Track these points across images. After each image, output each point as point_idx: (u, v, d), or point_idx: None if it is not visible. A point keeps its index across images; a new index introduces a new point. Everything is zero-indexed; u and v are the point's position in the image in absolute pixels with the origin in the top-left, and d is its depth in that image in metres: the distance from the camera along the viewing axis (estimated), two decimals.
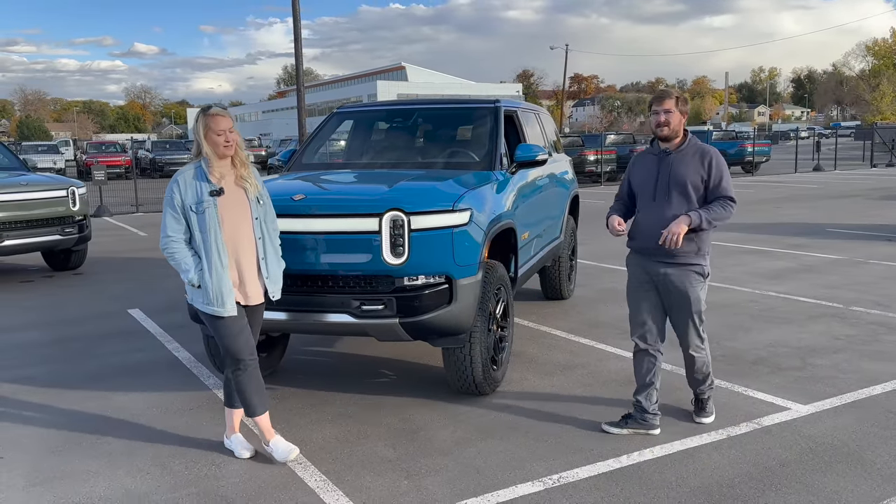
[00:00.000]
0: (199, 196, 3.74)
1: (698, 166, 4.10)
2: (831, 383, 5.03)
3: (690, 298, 4.18)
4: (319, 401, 4.93)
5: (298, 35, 20.28)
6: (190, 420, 4.64)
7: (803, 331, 6.36)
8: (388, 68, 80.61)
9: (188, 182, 3.77)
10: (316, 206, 4.44)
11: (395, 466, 3.92)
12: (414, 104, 6.46)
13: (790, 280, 8.52)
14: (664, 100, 4.09)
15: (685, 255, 4.12)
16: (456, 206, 4.43)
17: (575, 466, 3.86)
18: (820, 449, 4.02)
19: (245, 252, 3.86)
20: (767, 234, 12.28)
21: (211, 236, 3.74)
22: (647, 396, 4.30)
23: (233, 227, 3.80)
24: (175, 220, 3.78)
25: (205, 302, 3.81)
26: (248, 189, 3.86)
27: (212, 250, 3.75)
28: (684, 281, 4.16)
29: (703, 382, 4.43)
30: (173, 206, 3.78)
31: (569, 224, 7.62)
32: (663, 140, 4.17)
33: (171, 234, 3.79)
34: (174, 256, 3.80)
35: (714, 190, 4.11)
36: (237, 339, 3.86)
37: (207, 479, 3.82)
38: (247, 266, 3.88)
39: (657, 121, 4.11)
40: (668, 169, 4.15)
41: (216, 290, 3.77)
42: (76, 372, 5.67)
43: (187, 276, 3.80)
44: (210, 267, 3.76)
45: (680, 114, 4.10)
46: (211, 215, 3.74)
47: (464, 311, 4.47)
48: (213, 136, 3.74)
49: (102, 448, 4.24)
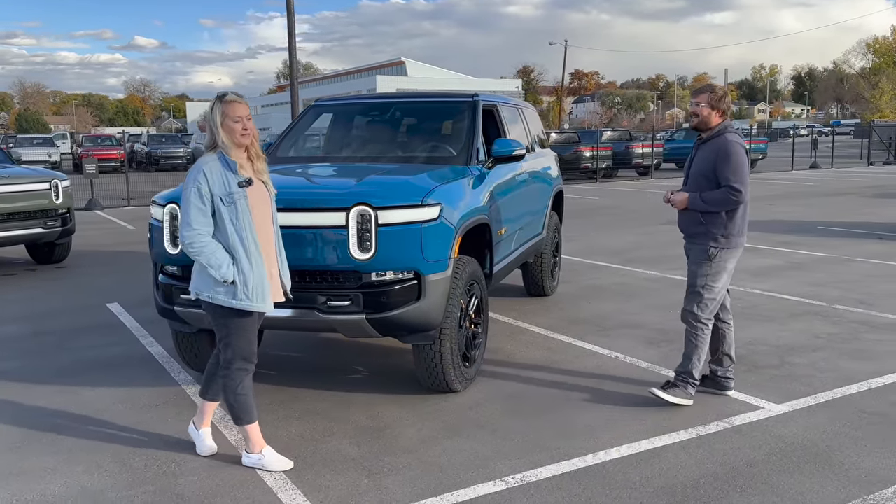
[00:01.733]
0: (227, 187, 3.52)
1: (712, 156, 4.42)
2: (807, 382, 4.97)
3: (690, 270, 4.61)
4: (289, 397, 4.87)
5: (292, 30, 20.18)
6: (156, 416, 4.58)
7: (784, 329, 6.30)
8: (388, 63, 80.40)
9: (215, 172, 3.53)
10: (282, 201, 4.34)
11: (358, 465, 3.87)
12: (392, 98, 6.39)
13: (775, 278, 8.46)
14: (698, 94, 4.53)
15: (697, 234, 4.54)
16: (425, 201, 4.37)
17: (539, 465, 3.81)
18: (789, 449, 3.96)
19: (269, 247, 3.70)
20: (757, 232, 12.19)
21: (246, 227, 3.54)
22: (717, 361, 4.78)
23: (260, 221, 3.63)
24: (202, 212, 3.50)
25: (237, 297, 3.54)
26: (267, 182, 3.72)
27: (249, 243, 3.54)
28: (692, 256, 4.60)
29: (684, 367, 4.55)
30: (201, 198, 3.50)
31: (552, 220, 7.55)
32: (695, 129, 4.57)
33: (198, 227, 3.50)
34: (202, 251, 3.50)
35: (720, 177, 4.38)
36: (253, 337, 3.72)
37: (166, 477, 3.76)
38: (271, 261, 3.71)
39: (690, 111, 4.62)
40: (694, 157, 4.61)
41: (257, 285, 3.55)
42: (48, 367, 5.62)
43: (220, 273, 3.50)
44: (250, 259, 3.54)
45: (711, 108, 4.44)
46: (242, 207, 3.54)
47: (433, 308, 4.41)
48: (230, 124, 3.55)
49: (63, 444, 4.18)
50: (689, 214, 4.55)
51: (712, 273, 4.50)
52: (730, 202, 4.38)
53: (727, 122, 4.51)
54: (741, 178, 4.35)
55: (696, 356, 4.53)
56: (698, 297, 4.53)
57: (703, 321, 4.54)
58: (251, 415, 3.79)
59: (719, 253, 4.48)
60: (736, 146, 4.37)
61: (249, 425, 3.80)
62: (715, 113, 4.46)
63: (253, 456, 3.82)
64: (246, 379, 3.75)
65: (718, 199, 4.40)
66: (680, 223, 4.69)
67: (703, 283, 4.51)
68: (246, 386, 3.75)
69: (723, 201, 4.39)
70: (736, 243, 4.52)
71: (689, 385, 4.55)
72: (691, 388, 4.56)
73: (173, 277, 4.62)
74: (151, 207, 4.80)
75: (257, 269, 3.57)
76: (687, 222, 4.60)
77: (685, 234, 4.68)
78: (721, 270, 4.51)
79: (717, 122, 4.49)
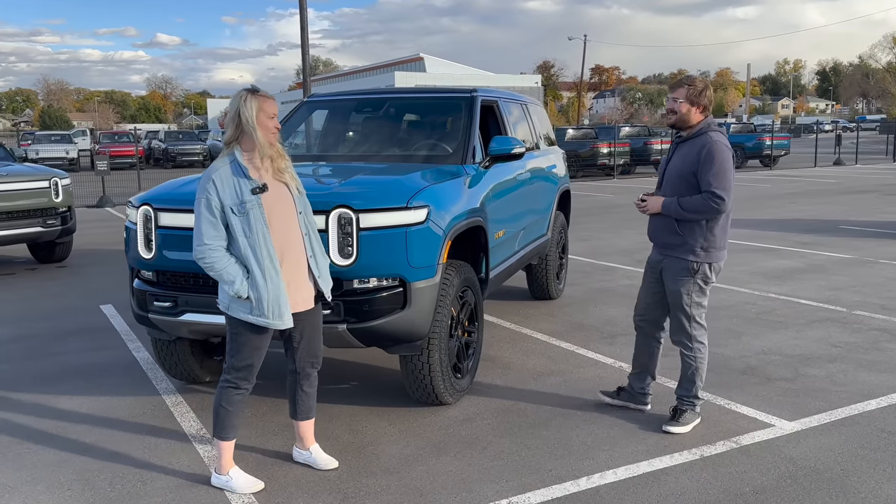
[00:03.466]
0: (239, 196, 3.30)
1: (693, 157, 3.98)
2: (822, 397, 4.65)
3: (671, 290, 4.15)
4: (269, 409, 4.63)
5: (305, 26, 19.98)
6: (130, 429, 4.36)
7: (800, 337, 5.96)
8: (407, 59, 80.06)
9: (226, 180, 3.31)
10: None
11: (333, 486, 3.61)
12: (387, 93, 6.12)
13: (793, 280, 8.10)
14: (675, 89, 4.08)
15: (673, 246, 4.10)
16: (410, 203, 4.10)
17: (527, 490, 3.53)
18: (800, 473, 3.65)
19: (295, 252, 3.46)
20: (776, 231, 11.82)
21: (260, 240, 3.31)
22: (639, 377, 4.42)
23: (281, 226, 3.40)
24: (212, 225, 3.30)
25: (253, 313, 3.35)
26: (288, 182, 3.47)
27: (262, 255, 3.32)
28: (670, 273, 4.15)
29: (687, 391, 4.20)
30: (210, 210, 3.30)
31: (558, 220, 7.25)
32: (673, 127, 4.12)
33: (209, 241, 3.30)
34: (213, 267, 3.32)
35: (701, 182, 3.95)
36: (262, 354, 3.50)
37: (129, 498, 3.53)
38: (298, 268, 3.47)
39: (667, 108, 4.15)
40: (671, 158, 4.18)
41: (272, 301, 3.33)
42: (29, 373, 5.42)
43: (233, 289, 3.31)
44: (264, 274, 3.31)
45: (690, 104, 4.00)
46: (256, 216, 3.31)
47: (419, 317, 4.14)
48: (265, 120, 3.32)
49: (29, 459, 3.97)
50: (664, 222, 4.09)
51: (697, 290, 4.10)
52: (710, 210, 3.93)
53: (709, 119, 4.09)
54: (724, 183, 3.90)
55: (696, 377, 4.19)
56: (687, 317, 4.12)
57: (699, 340, 4.17)
58: (227, 433, 3.55)
59: (701, 267, 4.07)
60: (721, 147, 3.95)
61: (223, 442, 3.56)
62: (695, 109, 4.01)
63: (221, 477, 3.59)
64: (234, 395, 3.52)
65: (697, 207, 3.94)
66: (651, 231, 4.23)
67: (689, 302, 4.09)
68: (233, 402, 3.52)
69: (702, 209, 3.93)
70: (717, 257, 4.10)
71: (695, 405, 4.23)
72: (697, 407, 4.24)
73: (148, 283, 4.39)
74: (127, 209, 4.57)
75: (272, 284, 3.33)
76: (660, 231, 4.14)
77: (657, 245, 4.22)
78: (705, 285, 4.12)
79: (697, 120, 4.04)
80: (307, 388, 3.77)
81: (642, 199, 4.17)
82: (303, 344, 3.64)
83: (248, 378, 3.52)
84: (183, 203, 4.28)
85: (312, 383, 3.78)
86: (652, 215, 4.16)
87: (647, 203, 4.12)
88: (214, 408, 3.57)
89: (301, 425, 3.82)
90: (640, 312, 4.39)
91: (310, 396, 3.79)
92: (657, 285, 4.26)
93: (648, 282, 4.33)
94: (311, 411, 3.83)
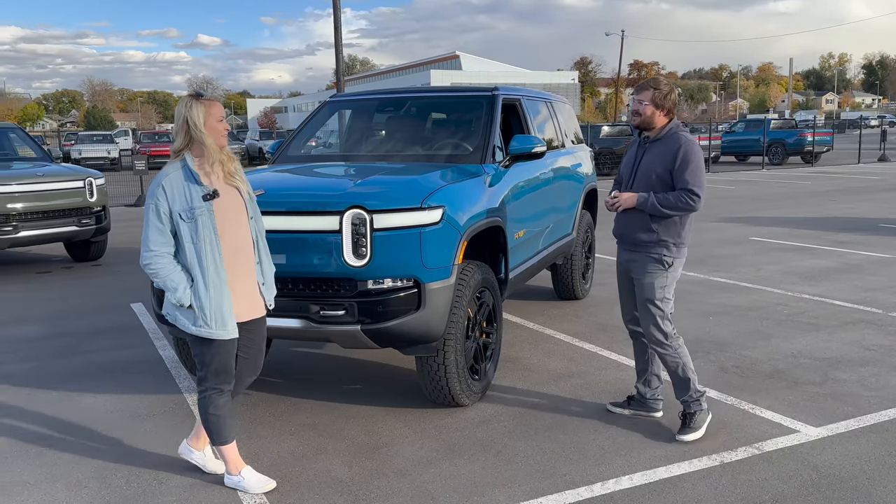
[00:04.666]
0: (189, 202, 3.25)
1: (667, 157, 3.99)
2: (852, 402, 4.51)
3: (643, 284, 4.10)
4: (287, 409, 4.64)
5: (338, 26, 20.09)
6: (150, 427, 4.41)
7: (832, 339, 5.80)
8: (442, 57, 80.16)
9: (176, 186, 3.27)
10: (275, 203, 4.13)
11: (345, 488, 3.60)
12: (408, 92, 6.09)
13: (828, 281, 7.89)
14: (641, 91, 4.09)
15: (645, 243, 4.08)
16: (425, 204, 4.07)
17: (540, 495, 3.48)
18: (824, 482, 3.54)
19: (245, 260, 3.42)
20: (813, 230, 11.54)
21: (206, 247, 3.26)
22: (645, 382, 4.37)
23: (231, 232, 3.35)
24: (160, 232, 3.27)
25: (196, 323, 3.31)
26: (240, 186, 3.42)
27: (207, 263, 3.27)
28: (641, 267, 4.12)
29: (685, 391, 4.10)
30: (159, 216, 3.26)
31: (584, 219, 7.16)
32: (637, 128, 4.12)
33: (155, 248, 3.27)
34: (158, 274, 3.28)
35: (677, 180, 3.96)
36: (230, 358, 3.43)
37: (144, 497, 3.56)
38: (247, 275, 3.43)
39: (632, 109, 4.15)
40: (641, 157, 4.15)
41: (215, 311, 3.28)
42: (56, 370, 5.52)
43: (175, 296, 3.28)
44: (206, 283, 3.27)
45: (655, 107, 4.03)
46: (205, 223, 3.26)
47: (434, 318, 4.11)
48: (214, 124, 3.30)
49: (48, 457, 4.03)
50: (636, 220, 4.06)
51: (668, 284, 4.08)
52: (687, 206, 3.93)
53: (676, 121, 4.09)
54: (700, 181, 3.93)
55: (686, 373, 4.10)
56: (659, 311, 4.07)
57: (671, 335, 4.09)
58: (225, 436, 3.54)
59: (674, 262, 4.06)
60: (694, 147, 3.98)
61: (224, 446, 3.56)
62: (659, 112, 4.02)
63: (233, 477, 3.59)
64: (219, 399, 3.49)
65: (674, 203, 3.94)
66: (619, 229, 4.20)
67: (660, 296, 4.05)
68: (220, 405, 3.49)
69: (679, 206, 3.94)
70: (684, 252, 4.12)
71: (701, 402, 4.11)
72: (703, 402, 4.12)
73: None
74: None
75: (214, 293, 3.29)
76: (632, 228, 4.10)
77: (626, 243, 4.18)
78: (674, 280, 4.11)
79: (662, 122, 4.04)
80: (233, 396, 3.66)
81: (613, 195, 4.13)
82: (249, 354, 3.57)
83: (227, 381, 3.48)
84: None
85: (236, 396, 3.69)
86: (621, 213, 4.14)
87: (619, 199, 4.08)
88: (203, 418, 3.52)
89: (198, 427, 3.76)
90: (629, 319, 4.36)
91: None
92: (631, 286, 4.23)
93: (624, 286, 4.30)
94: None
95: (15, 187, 8.96)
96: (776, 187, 19.50)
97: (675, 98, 4.11)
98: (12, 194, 8.93)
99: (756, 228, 11.91)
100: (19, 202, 8.95)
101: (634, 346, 4.42)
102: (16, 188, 8.96)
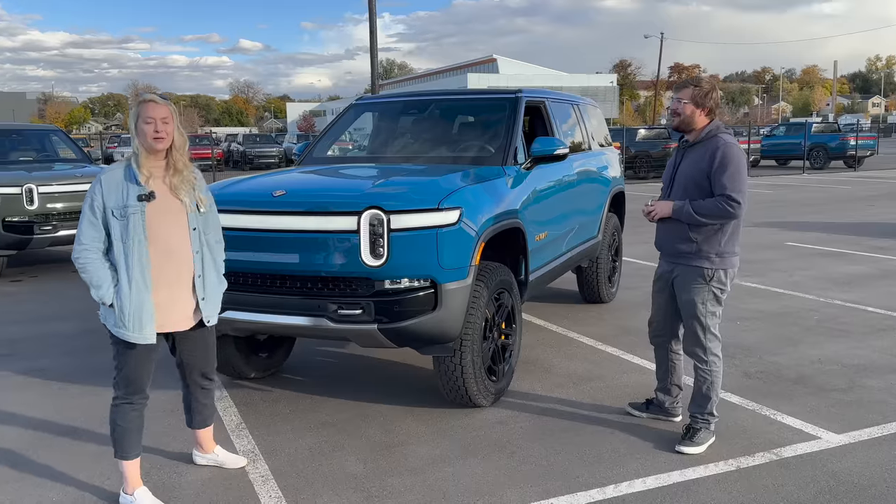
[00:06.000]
0: (123, 199, 3.23)
1: (705, 160, 3.84)
2: (877, 409, 4.43)
3: (684, 300, 4.01)
4: (308, 406, 4.70)
5: (374, 30, 20.26)
6: (169, 422, 4.50)
7: (861, 346, 5.69)
8: (480, 61, 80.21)
9: (113, 183, 3.25)
10: (294, 203, 4.20)
11: (359, 485, 3.64)
12: (432, 95, 6.12)
13: (863, 287, 7.73)
14: (681, 90, 3.96)
15: (685, 254, 3.96)
16: (442, 205, 4.10)
17: (551, 496, 3.48)
18: (841, 489, 3.48)
19: (178, 268, 3.36)
20: (850, 235, 11.31)
21: (133, 247, 3.23)
22: (665, 391, 4.34)
23: (163, 238, 3.30)
24: (93, 226, 3.24)
25: (116, 324, 3.28)
26: (183, 198, 3.36)
27: (133, 264, 3.24)
28: (685, 282, 4.00)
29: (700, 408, 4.01)
30: (93, 211, 3.24)
31: (610, 222, 7.13)
32: (677, 130, 4.00)
33: (86, 242, 3.24)
34: (86, 268, 3.24)
35: (715, 185, 3.81)
36: (143, 370, 3.39)
37: (164, 489, 3.65)
38: (179, 285, 3.38)
39: (671, 109, 4.02)
40: (680, 162, 4.05)
41: (134, 313, 3.25)
42: (86, 366, 5.66)
43: (98, 294, 3.25)
44: (130, 284, 3.24)
45: (695, 106, 3.88)
46: (136, 223, 3.23)
47: (450, 318, 4.14)
48: (142, 125, 3.23)
49: (75, 449, 4.15)
50: (675, 229, 3.94)
51: (712, 298, 3.94)
52: (725, 214, 3.77)
53: (717, 122, 3.92)
54: (740, 186, 3.75)
55: (710, 392, 3.97)
56: (702, 327, 3.94)
57: (714, 353, 3.97)
58: (128, 450, 3.45)
59: (716, 274, 3.92)
60: (735, 149, 3.80)
61: (125, 461, 3.46)
62: (700, 111, 3.87)
63: (126, 497, 3.48)
64: (131, 411, 3.43)
65: (711, 210, 3.78)
66: (660, 240, 4.09)
67: (703, 311, 3.92)
68: (129, 418, 3.43)
69: (717, 213, 3.78)
70: (732, 262, 3.94)
71: (710, 423, 4.00)
72: (712, 425, 4.01)
73: None
74: None
75: (136, 296, 3.25)
76: (671, 239, 3.98)
77: (667, 254, 4.07)
78: (719, 293, 3.95)
79: (702, 123, 3.90)
80: (203, 399, 3.75)
81: (650, 204, 4.01)
82: (191, 360, 3.60)
83: (139, 392, 3.44)
84: (225, 204, 4.39)
85: (208, 394, 3.77)
86: (660, 222, 4.03)
87: (654, 208, 3.98)
88: (111, 426, 3.47)
89: (199, 433, 3.84)
90: (655, 329, 4.28)
91: (206, 407, 3.78)
92: (669, 298, 4.12)
93: (660, 296, 4.19)
94: (209, 419, 3.82)
95: (55, 188, 9.22)
96: (815, 192, 19.14)
97: (718, 98, 3.93)
98: (53, 194, 9.19)
99: (792, 233, 11.72)
100: (59, 202, 9.21)
101: (656, 355, 4.37)
102: (56, 188, 9.22)
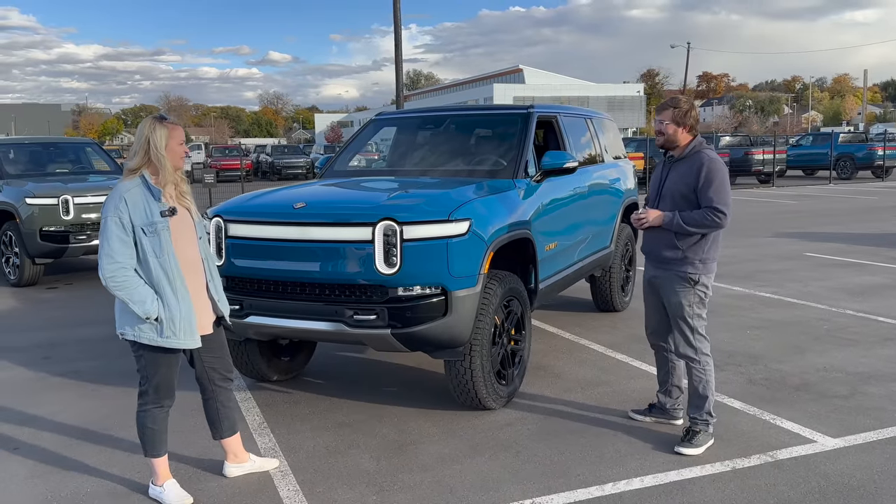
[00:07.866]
0: (149, 216, 3.37)
1: (691, 175, 4.09)
2: (875, 415, 4.56)
3: (672, 302, 4.22)
4: (327, 407, 4.94)
5: (399, 42, 20.63)
6: (196, 421, 4.75)
7: (868, 355, 5.80)
8: (506, 71, 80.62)
9: (137, 200, 3.38)
10: (315, 214, 4.46)
11: (371, 480, 3.87)
12: (448, 111, 6.38)
13: (876, 297, 7.81)
14: (661, 111, 4.22)
15: (670, 260, 4.19)
16: (452, 216, 4.33)
17: (552, 492, 3.68)
18: (831, 489, 3.64)
19: (198, 275, 3.59)
20: (870, 245, 11.34)
21: (171, 261, 3.40)
22: (666, 392, 4.52)
23: (182, 249, 3.49)
24: (124, 243, 3.34)
25: (163, 335, 3.41)
26: (190, 207, 3.60)
27: (174, 277, 3.41)
28: (669, 285, 4.22)
29: (698, 409, 4.18)
30: (122, 228, 3.33)
31: (623, 233, 7.30)
32: (662, 148, 4.25)
33: (121, 260, 3.33)
34: (124, 286, 3.34)
35: (701, 198, 4.06)
36: (174, 374, 3.61)
37: (189, 482, 3.90)
38: (200, 290, 3.60)
39: (655, 130, 4.26)
40: (666, 176, 4.24)
41: (185, 319, 3.43)
42: (120, 368, 5.96)
43: (143, 309, 3.35)
44: (176, 294, 3.41)
45: (676, 125, 4.14)
46: (166, 238, 3.40)
47: (460, 323, 4.36)
48: (175, 147, 3.46)
49: (109, 445, 4.42)
50: (662, 237, 4.17)
51: (697, 301, 4.16)
52: (713, 224, 4.01)
53: (699, 138, 4.18)
54: (725, 199, 4.00)
55: (709, 392, 4.18)
56: (690, 329, 4.16)
57: (704, 352, 4.18)
58: (158, 449, 3.68)
59: (700, 278, 4.16)
60: (718, 164, 4.05)
61: (155, 459, 3.70)
62: (681, 130, 4.12)
63: (156, 488, 3.73)
64: (160, 414, 3.65)
65: (699, 221, 4.03)
66: (647, 246, 4.32)
67: (690, 313, 4.15)
68: (159, 420, 3.65)
69: (704, 224, 4.02)
70: (712, 268, 4.19)
71: (709, 424, 4.19)
72: (711, 427, 4.20)
73: None
74: (204, 220, 5.00)
75: (184, 304, 3.44)
76: (658, 246, 4.21)
77: (653, 260, 4.30)
78: (704, 296, 4.18)
79: (686, 140, 4.15)
80: (227, 402, 3.89)
81: (641, 212, 4.22)
82: (213, 363, 3.78)
83: (169, 395, 3.64)
84: (249, 216, 4.70)
85: (230, 396, 3.92)
86: (647, 230, 4.25)
87: (646, 216, 4.18)
88: (140, 431, 3.65)
89: (229, 442, 3.93)
90: (652, 332, 4.48)
91: (230, 409, 3.92)
92: (659, 302, 4.34)
93: (650, 300, 4.42)
94: (236, 424, 3.96)
95: (90, 198, 9.61)
96: (839, 202, 19.08)
97: (697, 115, 4.20)
98: (88, 205, 9.58)
99: (812, 244, 11.77)
100: (94, 212, 9.58)
101: (656, 358, 4.57)
102: (90, 199, 9.60)
